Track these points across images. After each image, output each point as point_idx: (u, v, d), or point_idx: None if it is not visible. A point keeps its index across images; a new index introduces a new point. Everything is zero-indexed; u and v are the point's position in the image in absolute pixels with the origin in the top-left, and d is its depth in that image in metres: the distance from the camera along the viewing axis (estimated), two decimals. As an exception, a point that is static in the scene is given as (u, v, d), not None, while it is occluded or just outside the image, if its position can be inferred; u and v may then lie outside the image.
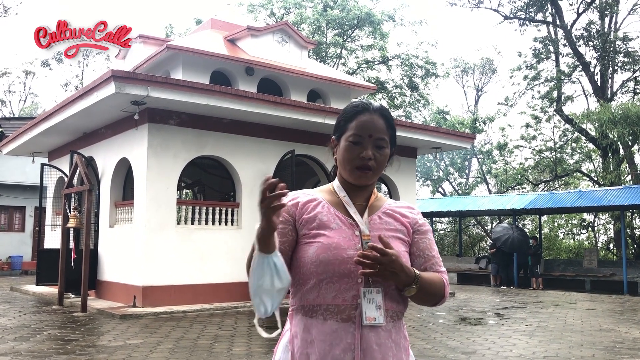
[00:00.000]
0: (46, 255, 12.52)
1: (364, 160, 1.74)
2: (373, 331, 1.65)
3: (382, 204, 1.85)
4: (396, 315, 1.72)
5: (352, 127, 1.77)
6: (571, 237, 29.80)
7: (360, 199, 1.82)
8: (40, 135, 13.49)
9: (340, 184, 1.84)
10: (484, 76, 37.14)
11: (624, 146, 22.56)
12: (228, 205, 11.99)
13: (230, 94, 10.97)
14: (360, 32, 29.71)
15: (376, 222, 1.79)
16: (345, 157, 1.77)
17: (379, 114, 1.79)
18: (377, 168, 1.77)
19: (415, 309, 11.33)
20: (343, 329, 1.65)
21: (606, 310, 11.80)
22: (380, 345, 1.66)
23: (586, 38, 24.15)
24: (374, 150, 1.76)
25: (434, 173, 33.99)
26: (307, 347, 1.67)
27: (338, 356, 1.63)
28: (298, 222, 1.76)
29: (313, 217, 1.75)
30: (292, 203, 1.78)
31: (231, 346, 7.12)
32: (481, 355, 6.72)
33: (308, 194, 1.83)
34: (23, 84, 37.96)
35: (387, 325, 1.68)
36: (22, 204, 22.05)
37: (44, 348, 6.87)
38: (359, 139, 1.75)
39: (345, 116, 1.82)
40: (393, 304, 1.71)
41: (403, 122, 15.40)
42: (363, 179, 1.77)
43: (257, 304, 1.61)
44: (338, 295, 1.66)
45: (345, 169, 1.78)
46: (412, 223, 1.84)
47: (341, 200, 1.80)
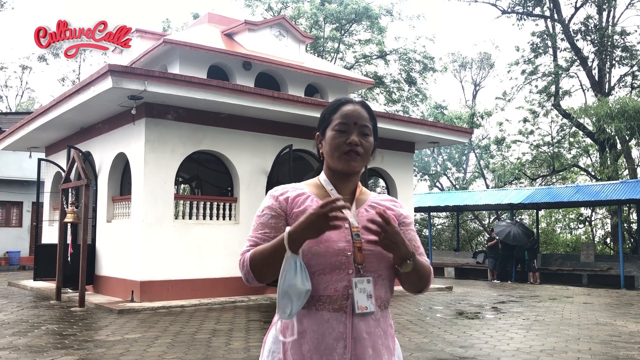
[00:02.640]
0: (44, 251, 12.51)
1: (352, 146, 1.79)
2: (363, 320, 1.71)
3: (367, 198, 1.91)
4: (384, 304, 1.79)
5: (337, 117, 1.84)
6: (568, 231, 29.89)
7: (346, 192, 1.86)
8: (37, 130, 13.45)
9: (327, 177, 1.88)
10: (482, 71, 37.14)
11: (621, 141, 22.61)
12: (226, 200, 11.99)
13: (227, 88, 10.95)
14: (358, 27, 29.66)
15: (363, 214, 1.83)
16: (332, 145, 1.82)
17: (361, 105, 1.87)
18: (364, 154, 1.83)
19: (413, 304, 11.35)
20: (335, 319, 1.69)
21: (603, 304, 11.84)
22: (370, 333, 1.71)
23: (584, 32, 24.15)
24: (359, 137, 1.81)
25: (432, 168, 34.01)
26: (299, 338, 1.70)
27: (330, 345, 1.67)
28: (289, 216, 1.79)
29: (303, 210, 1.77)
30: (283, 197, 1.82)
31: (229, 340, 7.13)
32: (478, 349, 6.74)
33: (297, 188, 1.87)
34: (20, 79, 37.88)
35: (376, 314, 1.74)
36: (20, 199, 22.02)
37: (41, 343, 6.87)
38: (345, 127, 1.81)
39: (329, 109, 1.89)
40: (382, 292, 1.77)
41: (401, 116, 15.40)
42: (352, 164, 1.81)
43: (285, 304, 1.62)
44: (330, 286, 1.70)
45: (334, 156, 1.82)
46: (397, 216, 1.91)
47: (328, 194, 1.84)
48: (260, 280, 1.74)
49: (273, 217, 1.79)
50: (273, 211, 1.80)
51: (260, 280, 1.74)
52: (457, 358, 6.26)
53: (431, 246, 21.21)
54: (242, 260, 1.74)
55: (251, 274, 1.71)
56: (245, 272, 1.73)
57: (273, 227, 1.77)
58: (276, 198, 1.82)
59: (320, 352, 1.67)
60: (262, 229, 1.78)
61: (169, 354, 6.32)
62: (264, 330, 7.91)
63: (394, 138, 14.35)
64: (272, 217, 1.79)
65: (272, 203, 1.82)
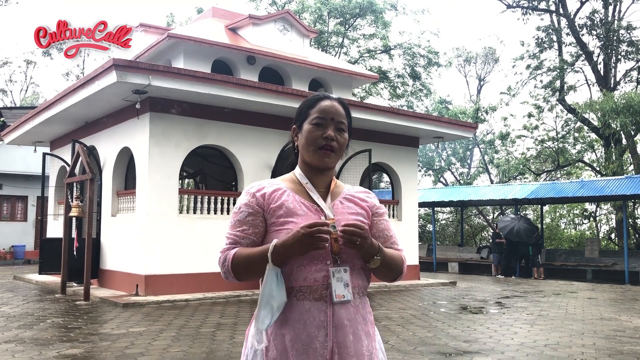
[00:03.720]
0: (49, 245, 12.56)
1: (327, 140, 1.85)
2: (343, 308, 1.76)
3: (341, 190, 1.97)
4: (361, 292, 1.84)
5: (314, 111, 1.89)
6: (573, 227, 29.82)
7: (321, 185, 1.92)
8: (42, 125, 13.48)
9: (302, 171, 1.93)
10: (487, 66, 36.98)
11: (626, 136, 22.51)
12: (230, 195, 12.00)
13: (231, 83, 10.94)
14: (362, 21, 29.54)
15: (339, 206, 1.89)
16: (308, 138, 1.86)
17: (338, 102, 1.93)
18: (339, 150, 1.88)
19: (417, 298, 11.36)
20: (316, 308, 1.74)
21: (607, 299, 11.82)
22: (350, 320, 1.77)
23: (589, 27, 23.99)
24: (335, 133, 1.87)
25: (436, 163, 33.92)
26: (281, 328, 1.74)
27: (312, 333, 1.72)
28: (266, 212, 1.83)
29: (280, 205, 1.82)
30: (260, 194, 1.86)
31: (233, 334, 7.15)
32: (482, 344, 6.74)
33: (273, 183, 1.90)
34: (24, 74, 37.95)
35: (355, 301, 1.80)
36: (25, 194, 22.10)
37: (47, 336, 6.91)
38: (321, 121, 1.86)
39: (307, 103, 1.94)
40: (358, 280, 1.82)
41: (405, 111, 15.36)
42: (326, 160, 1.87)
43: (265, 315, 1.69)
44: (309, 276, 1.74)
45: (309, 150, 1.87)
46: (371, 206, 1.96)
47: (304, 188, 1.89)
48: (238, 280, 1.83)
49: (250, 214, 1.83)
50: (250, 208, 1.84)
51: (238, 280, 1.83)
52: (461, 352, 6.26)
53: (435, 241, 21.19)
54: (222, 258, 1.81)
55: (232, 273, 1.79)
56: (226, 270, 1.80)
57: (251, 224, 1.82)
58: (253, 195, 1.86)
59: (302, 340, 1.72)
60: (240, 226, 1.83)
61: (174, 347, 6.35)
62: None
63: (398, 133, 14.33)
64: (249, 214, 1.83)
65: (249, 200, 1.85)
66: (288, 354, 1.72)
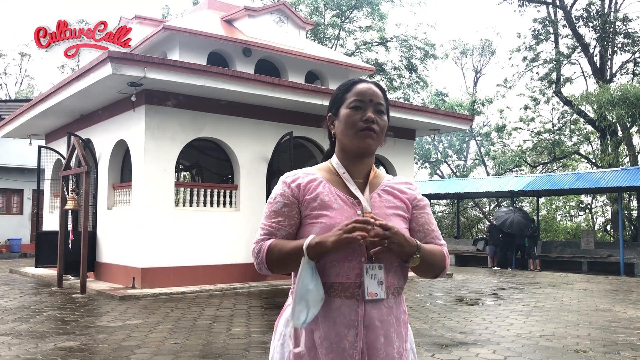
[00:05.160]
0: (45, 238, 12.54)
1: (368, 122, 1.76)
2: (376, 307, 1.68)
3: (380, 181, 1.86)
4: (397, 291, 1.75)
5: (351, 94, 1.80)
6: (569, 218, 29.94)
7: (359, 176, 1.82)
8: (37, 118, 13.42)
9: (339, 160, 1.84)
10: (483, 58, 36.95)
11: (622, 128, 22.55)
12: (226, 187, 11.99)
13: (227, 75, 10.90)
14: (358, 13, 29.46)
15: (376, 199, 1.79)
16: (347, 122, 1.78)
17: (374, 84, 1.85)
18: (380, 132, 1.79)
19: (413, 290, 11.40)
20: (347, 306, 1.67)
21: (602, 290, 11.89)
22: (383, 321, 1.69)
23: (586, 19, 23.97)
24: (375, 115, 1.78)
25: (432, 155, 33.96)
26: (310, 324, 1.67)
27: (341, 332, 1.66)
28: (301, 203, 1.77)
29: (315, 197, 1.75)
30: (295, 185, 1.79)
31: (230, 326, 7.16)
32: (478, 335, 6.77)
33: (308, 173, 1.83)
34: (19, 66, 37.71)
35: (389, 301, 1.72)
36: (20, 187, 22.04)
37: (43, 329, 6.91)
38: (360, 104, 1.78)
39: (342, 88, 1.86)
40: (394, 279, 1.74)
41: (402, 103, 15.33)
42: (367, 141, 1.77)
43: (300, 310, 1.62)
44: (342, 273, 1.68)
45: (349, 134, 1.78)
46: (411, 199, 1.87)
47: (341, 178, 1.80)
48: (272, 272, 1.77)
49: (286, 204, 1.76)
50: (285, 199, 1.77)
51: (272, 272, 1.77)
52: (457, 343, 6.29)
53: (431, 233, 21.20)
54: (257, 249, 1.75)
55: (265, 265, 1.73)
56: (260, 261, 1.74)
57: (286, 215, 1.75)
58: (288, 185, 1.79)
59: (331, 338, 1.66)
60: (275, 217, 1.76)
61: (170, 339, 6.36)
62: (265, 316, 7.95)
63: (395, 125, 14.29)
64: (284, 205, 1.76)
65: (284, 190, 1.78)
66: (317, 351, 1.67)
